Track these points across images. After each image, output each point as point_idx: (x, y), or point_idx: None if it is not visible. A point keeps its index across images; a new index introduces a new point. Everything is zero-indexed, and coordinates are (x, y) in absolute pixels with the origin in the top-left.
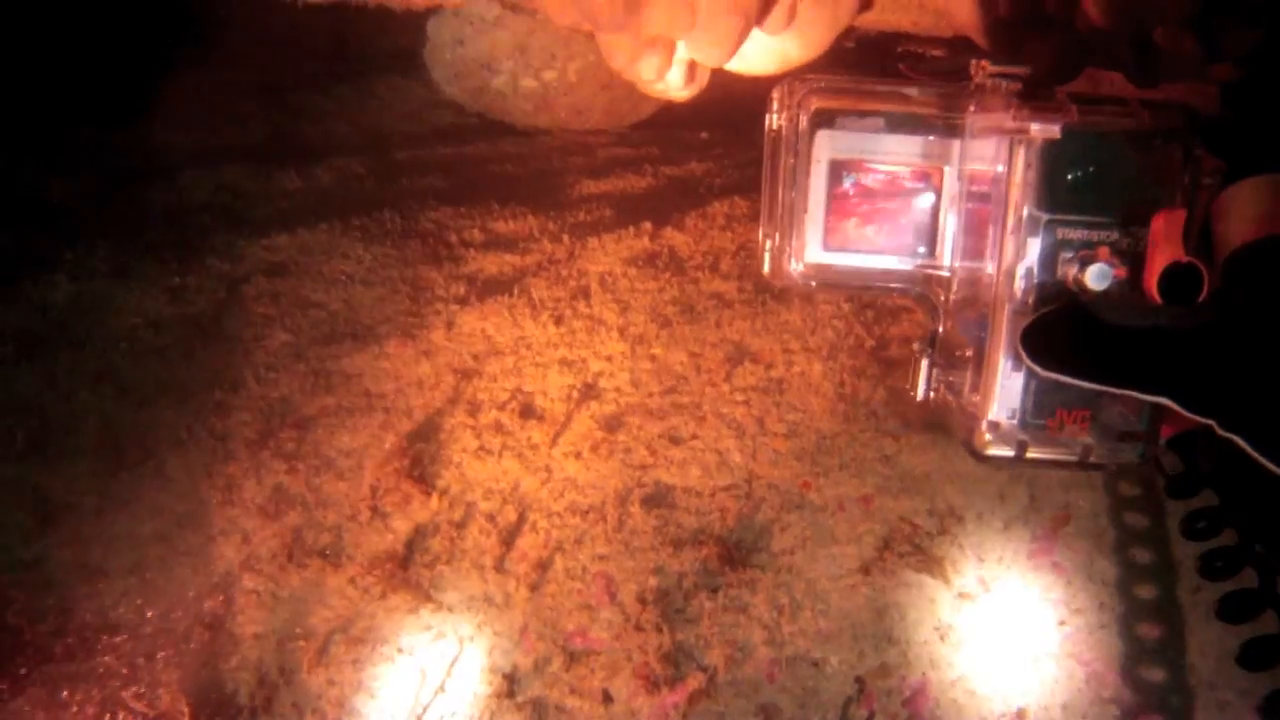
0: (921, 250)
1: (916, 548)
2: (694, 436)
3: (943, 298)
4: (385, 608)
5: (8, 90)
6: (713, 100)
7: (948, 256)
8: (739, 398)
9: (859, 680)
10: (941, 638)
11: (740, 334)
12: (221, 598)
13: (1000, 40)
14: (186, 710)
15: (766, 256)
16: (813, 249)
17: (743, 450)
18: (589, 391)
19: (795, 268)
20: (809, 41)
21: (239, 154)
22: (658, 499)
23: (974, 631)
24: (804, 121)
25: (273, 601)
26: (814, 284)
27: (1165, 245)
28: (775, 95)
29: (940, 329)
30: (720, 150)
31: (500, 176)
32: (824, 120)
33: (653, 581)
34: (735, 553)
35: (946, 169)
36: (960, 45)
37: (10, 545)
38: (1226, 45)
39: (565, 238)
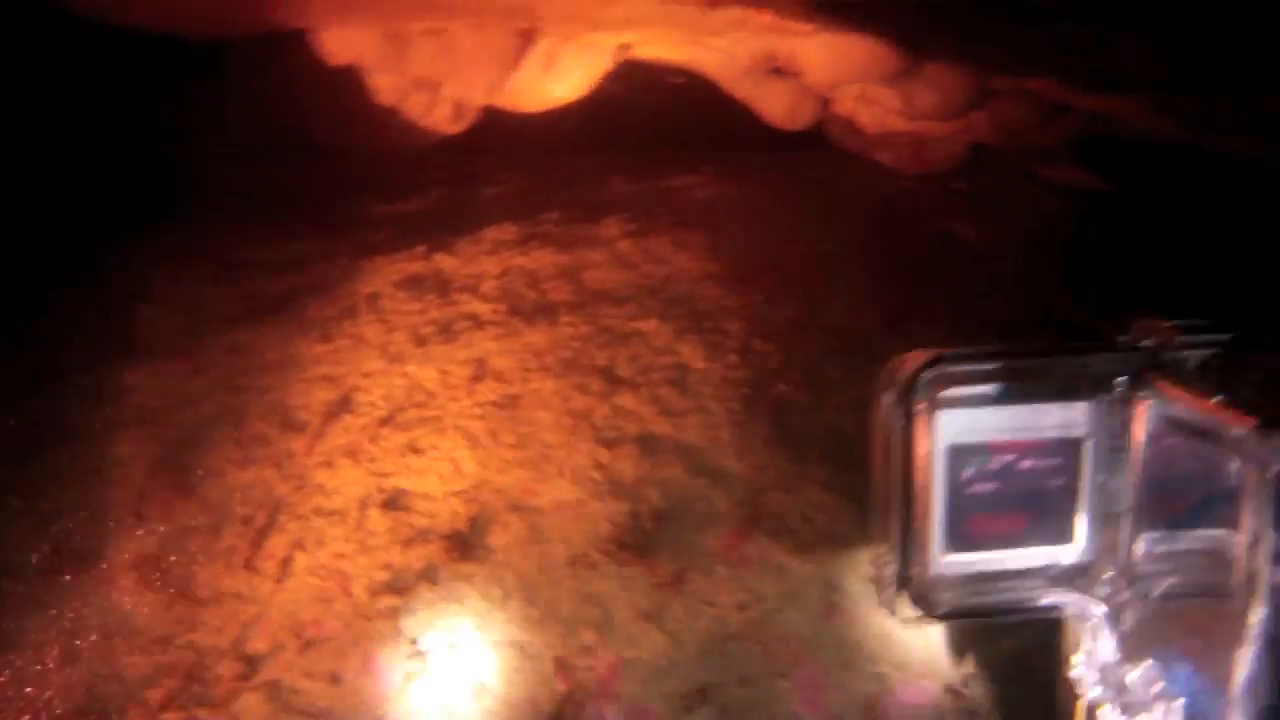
0: (1069, 540)
1: (622, 545)
2: (434, 447)
3: (1106, 603)
4: (141, 606)
5: None
6: (499, 126)
7: (1092, 543)
8: (478, 411)
9: (559, 660)
10: (638, 622)
11: (487, 353)
12: None
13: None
14: None
15: (886, 584)
16: (938, 554)
17: (476, 459)
18: (345, 405)
19: (920, 581)
20: (571, 83)
21: None
22: (394, 502)
23: (668, 614)
24: (919, 404)
25: (35, 604)
26: (945, 605)
27: None
28: (885, 372)
29: (1107, 648)
30: (504, 179)
31: (295, 196)
32: (942, 400)
33: (382, 576)
34: (457, 549)
35: (1091, 442)
36: None
37: None
38: None
39: (343, 260)
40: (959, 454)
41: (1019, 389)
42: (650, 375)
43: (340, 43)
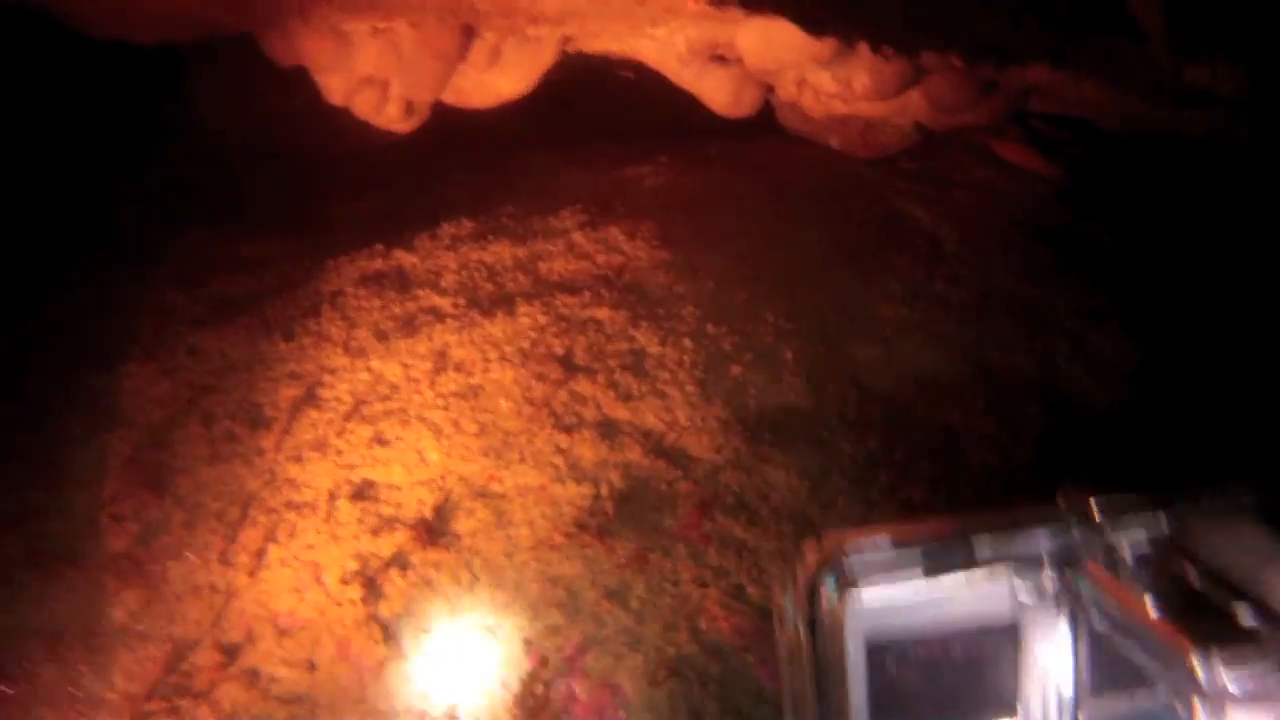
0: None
1: (584, 527)
2: (399, 439)
3: None
4: (119, 602)
5: None
6: (455, 124)
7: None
8: (440, 402)
9: (527, 641)
10: (603, 601)
11: (447, 344)
12: None
13: None
14: None
15: None
16: None
17: (439, 449)
18: (311, 401)
19: None
20: (517, 77)
21: None
22: (362, 493)
23: (632, 593)
24: (828, 596)
25: (13, 603)
26: None
27: None
28: (785, 570)
29: None
30: (462, 176)
31: (256, 199)
32: (853, 594)
33: (353, 565)
34: (425, 537)
35: (1023, 624)
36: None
37: None
38: None
39: (305, 260)
40: (878, 650)
41: (939, 573)
42: (607, 361)
43: (285, 44)
